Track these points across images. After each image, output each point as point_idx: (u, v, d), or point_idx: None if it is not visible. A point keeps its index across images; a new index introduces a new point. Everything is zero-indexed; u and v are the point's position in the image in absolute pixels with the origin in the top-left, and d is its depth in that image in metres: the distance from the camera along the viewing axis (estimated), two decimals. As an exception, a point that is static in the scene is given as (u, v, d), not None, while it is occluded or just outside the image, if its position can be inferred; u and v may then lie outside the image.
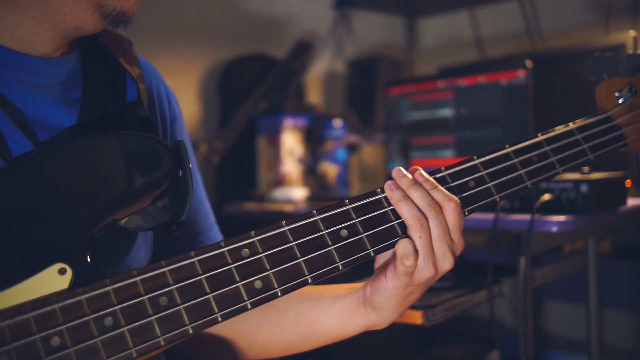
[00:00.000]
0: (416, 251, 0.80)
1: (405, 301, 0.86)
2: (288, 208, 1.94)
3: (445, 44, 2.96)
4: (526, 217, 1.31)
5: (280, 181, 2.27)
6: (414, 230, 0.80)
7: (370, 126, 2.61)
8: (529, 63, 1.74)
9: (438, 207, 0.82)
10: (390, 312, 0.87)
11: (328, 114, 2.47)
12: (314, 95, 2.80)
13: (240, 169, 2.40)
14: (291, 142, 2.30)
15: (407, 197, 0.81)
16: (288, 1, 2.73)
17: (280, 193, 2.14)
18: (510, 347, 1.86)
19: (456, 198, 0.83)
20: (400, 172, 0.84)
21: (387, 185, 0.82)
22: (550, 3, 2.47)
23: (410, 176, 0.84)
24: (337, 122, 2.36)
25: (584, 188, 1.33)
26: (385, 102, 2.08)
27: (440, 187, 0.83)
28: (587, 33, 2.39)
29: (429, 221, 0.81)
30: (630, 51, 1.06)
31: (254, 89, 2.35)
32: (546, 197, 1.35)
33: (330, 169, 2.34)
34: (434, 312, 1.20)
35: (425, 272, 0.81)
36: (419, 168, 0.85)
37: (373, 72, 2.66)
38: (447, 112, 1.90)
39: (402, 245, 0.80)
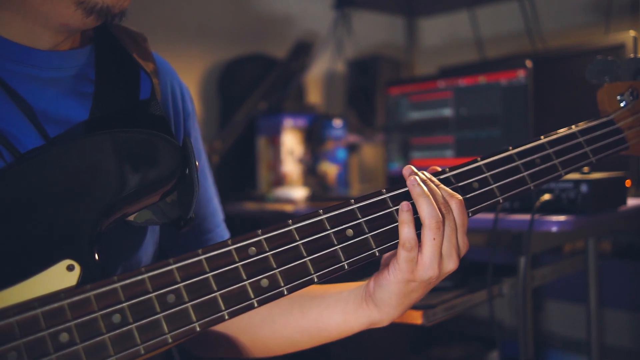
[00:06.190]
0: (418, 239, 0.80)
1: (407, 298, 0.85)
2: (288, 208, 1.94)
3: (445, 44, 2.96)
4: (526, 217, 1.31)
5: (280, 181, 2.27)
6: (430, 232, 0.79)
7: (370, 126, 2.61)
8: (529, 63, 1.74)
9: (449, 207, 0.81)
10: (392, 309, 0.87)
11: (328, 114, 2.47)
12: (314, 95, 2.80)
13: (240, 169, 2.40)
14: (291, 142, 2.30)
15: (428, 194, 0.80)
16: (288, 1, 2.74)
17: (280, 193, 2.14)
18: (510, 347, 1.87)
19: (459, 196, 0.82)
20: (411, 169, 0.83)
21: (410, 180, 0.81)
22: (550, 3, 2.48)
23: (421, 174, 0.83)
24: (337, 122, 2.36)
25: (584, 188, 1.33)
26: (385, 102, 2.08)
27: (442, 185, 0.83)
28: (587, 33, 2.39)
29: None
30: (632, 55, 1.06)
31: (254, 89, 2.34)
32: (546, 197, 1.35)
33: (330, 169, 2.34)
34: (434, 312, 1.21)
35: (429, 272, 0.80)
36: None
37: (373, 72, 2.66)
38: (447, 112, 1.90)
39: (406, 230, 0.79)
